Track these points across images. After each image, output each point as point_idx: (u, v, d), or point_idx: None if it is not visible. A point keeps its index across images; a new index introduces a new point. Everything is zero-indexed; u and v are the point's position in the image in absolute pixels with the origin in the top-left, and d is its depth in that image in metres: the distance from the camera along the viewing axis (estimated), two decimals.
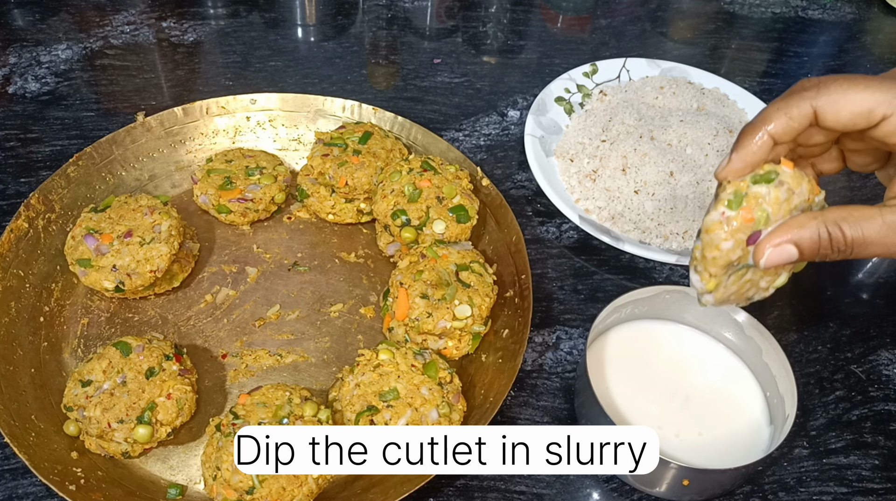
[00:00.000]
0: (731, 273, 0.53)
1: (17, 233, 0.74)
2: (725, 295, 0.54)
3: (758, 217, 0.50)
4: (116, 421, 0.63)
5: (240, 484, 0.59)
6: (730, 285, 0.53)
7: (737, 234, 0.51)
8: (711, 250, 0.52)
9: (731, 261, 0.52)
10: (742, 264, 0.52)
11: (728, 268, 0.52)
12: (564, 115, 0.95)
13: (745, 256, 0.52)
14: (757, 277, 0.54)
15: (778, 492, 0.67)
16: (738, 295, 0.55)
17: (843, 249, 0.48)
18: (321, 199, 0.81)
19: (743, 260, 0.52)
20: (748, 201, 0.50)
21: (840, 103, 0.48)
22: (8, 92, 0.96)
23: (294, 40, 1.08)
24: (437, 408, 0.63)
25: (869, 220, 0.48)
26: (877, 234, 0.48)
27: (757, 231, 0.51)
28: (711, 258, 0.52)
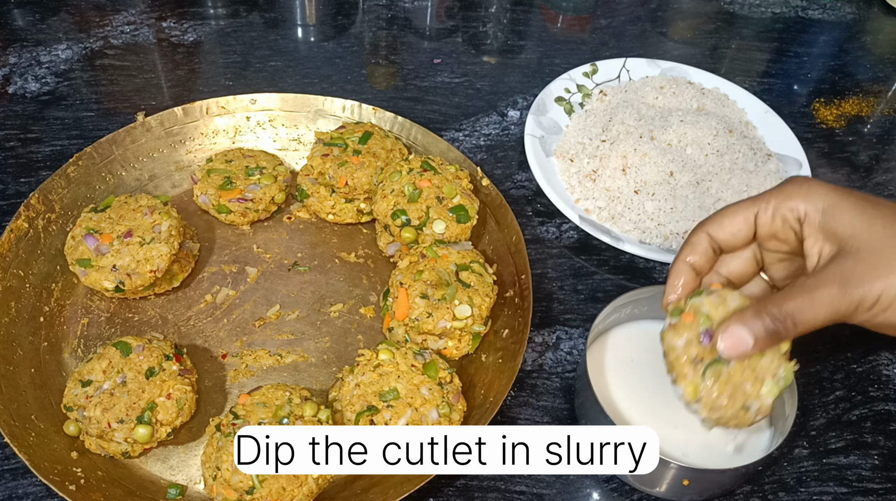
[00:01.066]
0: (704, 370, 0.56)
1: (17, 233, 0.74)
2: (714, 401, 0.56)
3: (699, 317, 0.57)
4: (116, 421, 0.63)
5: (240, 484, 0.59)
6: (710, 387, 0.56)
7: (684, 332, 0.57)
8: (671, 353, 0.58)
9: (692, 357, 0.57)
10: (708, 361, 0.56)
11: (695, 365, 0.56)
12: (564, 115, 0.95)
13: (706, 352, 0.56)
14: (737, 380, 0.55)
15: (778, 492, 0.67)
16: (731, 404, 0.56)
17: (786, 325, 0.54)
18: (321, 199, 0.81)
19: (706, 356, 0.56)
20: (688, 308, 0.58)
21: (721, 222, 0.59)
22: (8, 92, 0.96)
23: (294, 40, 1.08)
24: (437, 408, 0.63)
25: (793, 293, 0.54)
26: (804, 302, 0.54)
27: (707, 329, 0.56)
28: (674, 359, 0.58)
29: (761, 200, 0.58)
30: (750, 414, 0.56)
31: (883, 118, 1.02)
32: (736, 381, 0.56)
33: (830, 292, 0.53)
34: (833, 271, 0.54)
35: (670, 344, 0.59)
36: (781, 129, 0.93)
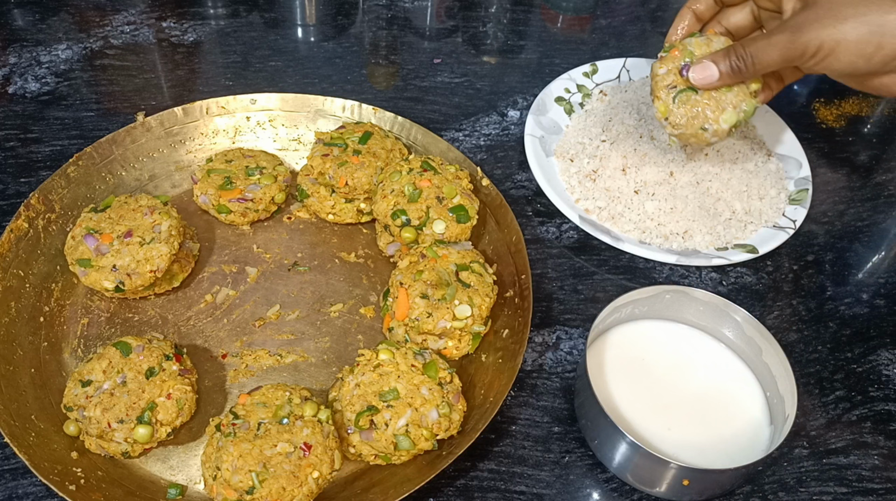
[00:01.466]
0: (675, 96, 0.71)
1: (17, 233, 0.74)
2: (678, 119, 0.71)
3: (684, 53, 0.71)
4: (116, 421, 0.63)
5: (240, 484, 0.59)
6: (679, 110, 0.71)
7: (668, 64, 0.72)
8: (654, 79, 0.73)
9: (668, 84, 0.72)
10: (682, 89, 0.71)
11: (669, 91, 0.72)
12: (564, 115, 0.95)
13: (682, 82, 0.71)
14: (702, 106, 0.70)
15: (778, 492, 0.67)
16: (691, 122, 0.71)
17: (747, 62, 0.65)
18: (321, 199, 0.81)
19: (681, 85, 0.71)
20: (677, 47, 0.72)
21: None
22: (8, 92, 0.96)
23: (294, 40, 1.08)
24: (437, 408, 0.63)
25: (757, 38, 0.65)
26: (763, 44, 0.64)
27: (686, 62, 0.70)
28: (654, 84, 0.72)
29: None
30: (707, 135, 0.71)
31: (883, 118, 1.02)
32: (700, 107, 0.70)
33: (783, 38, 0.62)
34: (791, 21, 0.63)
35: (655, 71, 0.73)
36: (781, 129, 0.93)
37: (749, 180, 0.85)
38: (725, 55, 0.67)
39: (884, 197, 0.92)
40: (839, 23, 0.60)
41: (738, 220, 0.83)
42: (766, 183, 0.86)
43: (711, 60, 0.68)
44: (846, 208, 0.90)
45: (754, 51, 0.65)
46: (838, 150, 0.97)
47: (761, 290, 0.81)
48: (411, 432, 0.62)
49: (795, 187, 0.87)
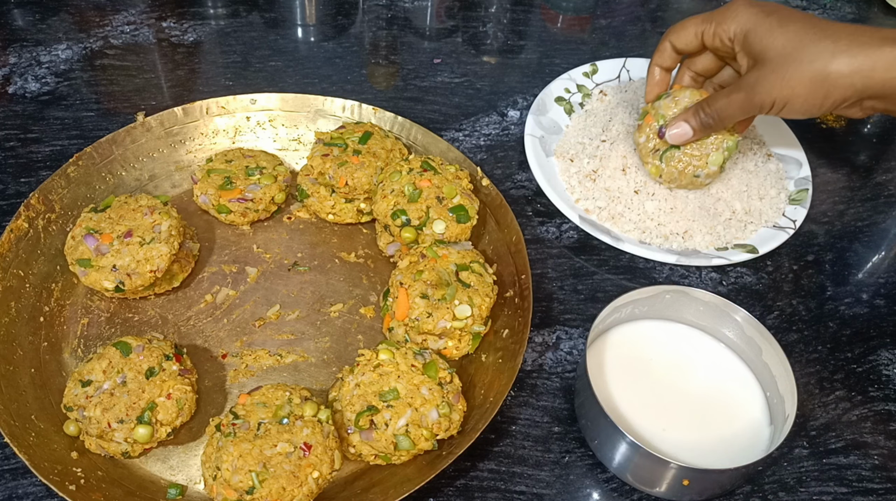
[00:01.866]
0: (661, 156, 0.79)
1: (17, 233, 0.74)
2: (671, 174, 0.79)
3: (656, 117, 0.79)
4: (116, 421, 0.63)
5: (240, 484, 0.59)
6: (669, 168, 0.79)
7: (645, 131, 0.80)
8: (638, 148, 0.81)
9: (652, 148, 0.80)
10: (665, 149, 0.79)
11: (655, 154, 0.80)
12: (564, 115, 0.95)
13: (662, 143, 0.79)
14: (688, 157, 0.78)
15: (778, 492, 0.67)
16: (683, 174, 0.79)
17: (714, 118, 0.73)
18: (321, 199, 0.81)
19: (662, 146, 0.79)
20: (649, 112, 0.80)
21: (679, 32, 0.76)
22: (8, 92, 0.96)
23: (294, 40, 1.08)
24: (437, 408, 0.63)
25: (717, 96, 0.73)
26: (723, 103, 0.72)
27: (661, 126, 0.78)
28: (640, 152, 0.81)
29: (706, 21, 0.74)
30: (700, 180, 0.79)
31: (883, 118, 1.02)
32: (686, 158, 0.78)
33: (740, 97, 0.71)
34: (745, 81, 0.70)
35: (636, 141, 0.81)
36: (781, 129, 0.93)
37: (749, 180, 0.85)
38: (695, 113, 0.74)
39: (884, 197, 0.92)
40: (787, 80, 0.67)
41: (738, 220, 0.83)
42: (766, 183, 0.86)
43: (683, 120, 0.75)
44: (846, 208, 0.90)
45: (718, 108, 0.73)
46: (838, 150, 0.97)
47: (761, 290, 0.81)
48: (411, 432, 0.62)
49: (795, 187, 0.87)
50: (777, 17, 0.69)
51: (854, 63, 0.65)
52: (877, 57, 0.65)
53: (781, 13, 0.70)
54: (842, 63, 0.66)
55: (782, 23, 0.69)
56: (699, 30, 0.75)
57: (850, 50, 0.65)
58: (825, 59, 0.66)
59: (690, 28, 0.75)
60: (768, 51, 0.69)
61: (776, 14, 0.70)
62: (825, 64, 0.66)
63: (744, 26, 0.71)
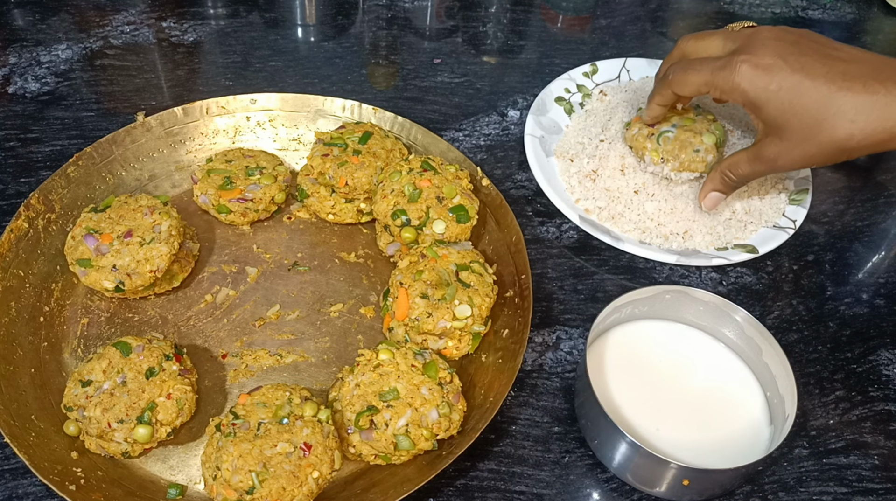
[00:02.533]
0: (657, 139, 0.82)
1: (17, 233, 0.74)
2: (672, 153, 0.81)
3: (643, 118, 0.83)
4: (116, 421, 0.63)
5: (240, 484, 0.59)
6: (668, 147, 0.81)
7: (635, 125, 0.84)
8: (633, 141, 0.84)
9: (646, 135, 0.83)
10: (659, 132, 0.82)
11: (650, 138, 0.82)
12: (564, 115, 0.95)
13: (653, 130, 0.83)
14: (684, 136, 0.81)
15: (778, 492, 0.67)
16: (686, 152, 0.81)
17: (740, 181, 0.77)
18: (321, 199, 0.81)
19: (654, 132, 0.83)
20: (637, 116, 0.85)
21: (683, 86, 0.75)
22: (8, 92, 0.96)
23: (294, 40, 1.08)
24: (437, 408, 0.63)
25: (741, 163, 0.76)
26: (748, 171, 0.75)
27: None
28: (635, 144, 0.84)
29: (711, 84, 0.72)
30: (701, 154, 0.81)
31: None
32: (681, 138, 0.81)
33: (763, 168, 0.74)
34: (765, 153, 0.73)
35: (628, 136, 0.84)
36: None
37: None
38: (721, 179, 0.78)
39: (884, 197, 0.92)
40: (808, 154, 0.70)
41: (738, 220, 0.83)
42: (766, 183, 0.86)
43: (711, 189, 0.79)
44: (846, 208, 0.90)
45: (743, 175, 0.76)
46: None
47: (761, 290, 0.81)
48: (411, 432, 0.62)
49: (795, 187, 0.87)
50: (787, 91, 0.68)
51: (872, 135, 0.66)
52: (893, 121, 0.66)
53: (791, 82, 0.68)
54: (860, 139, 0.67)
55: (793, 99, 0.68)
56: (705, 88, 0.73)
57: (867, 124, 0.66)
58: (844, 139, 0.67)
59: (696, 83, 0.73)
60: (784, 128, 0.69)
61: (786, 85, 0.68)
62: (845, 143, 0.67)
63: (753, 99, 0.70)
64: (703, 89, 0.73)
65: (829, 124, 0.67)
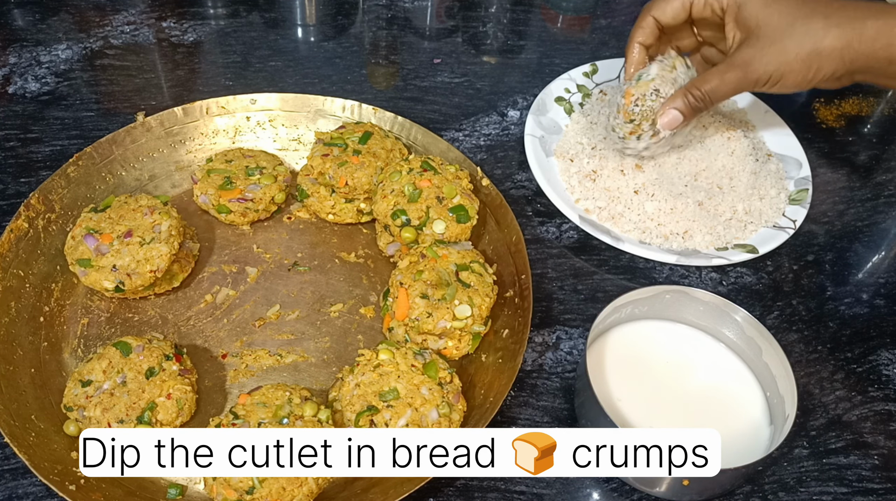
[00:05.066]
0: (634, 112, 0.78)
1: (17, 233, 0.74)
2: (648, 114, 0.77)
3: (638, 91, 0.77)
4: (116, 421, 0.63)
5: (240, 484, 0.59)
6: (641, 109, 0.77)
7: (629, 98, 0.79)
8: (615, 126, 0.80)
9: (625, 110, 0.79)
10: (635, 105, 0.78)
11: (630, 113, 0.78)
12: (564, 115, 0.95)
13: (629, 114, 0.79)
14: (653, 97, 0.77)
15: (778, 492, 0.67)
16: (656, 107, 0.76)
17: (705, 100, 0.73)
18: (321, 199, 0.81)
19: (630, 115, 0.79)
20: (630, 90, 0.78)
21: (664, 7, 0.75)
22: (8, 92, 0.96)
23: (294, 40, 1.08)
24: (437, 408, 0.63)
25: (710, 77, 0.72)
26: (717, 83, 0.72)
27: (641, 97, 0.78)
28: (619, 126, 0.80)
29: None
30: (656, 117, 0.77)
31: (883, 118, 1.02)
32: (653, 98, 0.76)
33: (736, 74, 0.71)
34: (739, 57, 0.70)
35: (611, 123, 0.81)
36: (781, 129, 0.93)
37: (749, 180, 0.85)
38: (683, 96, 0.74)
39: (884, 197, 0.92)
40: (783, 56, 0.69)
41: (738, 220, 0.83)
42: (766, 183, 0.86)
43: (672, 106, 0.75)
44: (846, 208, 0.90)
45: (709, 90, 0.73)
46: (838, 150, 0.97)
47: (761, 290, 0.81)
48: None
49: (795, 187, 0.87)
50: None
51: (843, 38, 0.67)
52: (862, 29, 0.67)
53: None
54: (832, 38, 0.67)
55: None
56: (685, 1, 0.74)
57: (840, 25, 0.67)
58: (818, 35, 0.68)
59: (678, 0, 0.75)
60: (763, 27, 0.69)
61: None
62: (818, 39, 0.68)
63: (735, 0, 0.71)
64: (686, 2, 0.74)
65: (805, 22, 0.68)
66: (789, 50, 0.69)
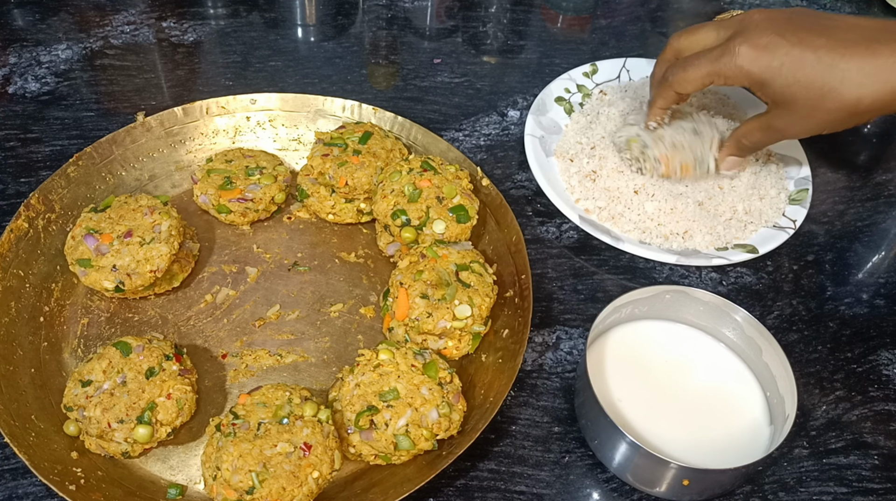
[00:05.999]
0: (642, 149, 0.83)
1: (17, 233, 0.74)
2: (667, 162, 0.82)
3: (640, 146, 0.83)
4: (116, 421, 0.63)
5: (240, 484, 0.59)
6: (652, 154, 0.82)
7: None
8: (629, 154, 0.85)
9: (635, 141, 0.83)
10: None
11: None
12: (564, 115, 0.95)
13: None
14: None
15: (778, 492, 0.67)
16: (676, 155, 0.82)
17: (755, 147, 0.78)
18: (321, 199, 0.81)
19: None
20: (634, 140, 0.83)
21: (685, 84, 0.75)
22: (8, 92, 0.96)
23: (294, 40, 1.08)
24: (437, 408, 0.63)
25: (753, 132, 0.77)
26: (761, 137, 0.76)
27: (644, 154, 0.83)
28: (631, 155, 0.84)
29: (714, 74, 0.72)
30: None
31: (883, 118, 1.02)
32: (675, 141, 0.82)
33: (776, 136, 0.75)
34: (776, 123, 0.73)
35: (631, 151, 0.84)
36: None
37: (749, 180, 0.85)
38: (737, 145, 0.79)
39: (884, 197, 0.92)
40: (818, 121, 0.71)
41: (738, 220, 0.83)
42: (766, 183, 0.86)
43: (728, 154, 0.80)
44: (846, 208, 0.90)
45: (756, 141, 0.77)
46: (838, 150, 0.97)
47: (761, 290, 0.81)
48: (411, 432, 0.62)
49: (795, 187, 0.87)
50: (789, 66, 0.68)
51: (880, 97, 0.67)
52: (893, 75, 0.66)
53: (792, 56, 0.68)
54: (869, 103, 0.67)
55: (796, 72, 0.68)
56: (708, 80, 0.73)
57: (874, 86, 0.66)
58: (852, 103, 0.67)
59: (698, 78, 0.73)
60: (792, 102, 0.70)
61: (788, 60, 0.68)
62: (854, 107, 0.68)
63: (757, 79, 0.70)
64: (706, 81, 0.73)
65: (837, 92, 0.67)
66: (824, 119, 0.70)
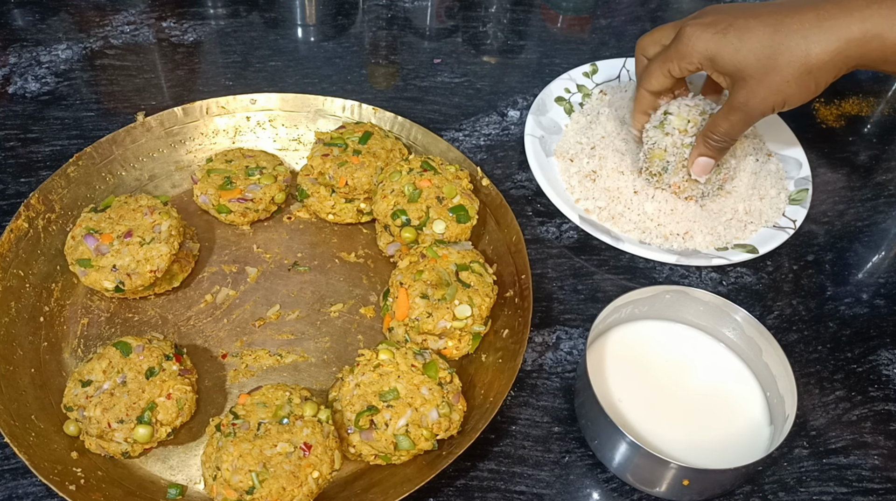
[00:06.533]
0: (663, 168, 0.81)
1: (17, 233, 0.74)
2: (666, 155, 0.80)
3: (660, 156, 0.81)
4: (116, 421, 0.63)
5: (240, 484, 0.59)
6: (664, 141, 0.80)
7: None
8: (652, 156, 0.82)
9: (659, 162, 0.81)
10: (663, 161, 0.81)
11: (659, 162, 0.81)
12: (564, 115, 0.95)
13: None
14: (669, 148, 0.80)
15: (778, 492, 0.67)
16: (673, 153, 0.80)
17: (725, 141, 0.76)
18: (321, 199, 0.81)
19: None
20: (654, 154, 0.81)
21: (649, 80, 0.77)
22: (8, 92, 0.96)
23: (294, 40, 1.08)
24: (437, 408, 0.63)
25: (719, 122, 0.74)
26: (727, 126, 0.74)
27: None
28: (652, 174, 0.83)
29: (667, 61, 0.75)
30: None
31: (883, 118, 1.02)
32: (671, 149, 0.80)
33: (740, 117, 0.73)
34: (735, 100, 0.72)
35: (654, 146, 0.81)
36: (781, 129, 0.93)
37: (749, 180, 0.85)
38: (705, 143, 0.77)
39: (884, 197, 0.92)
40: (776, 87, 0.69)
41: (738, 220, 0.83)
42: (766, 183, 0.86)
43: (698, 154, 0.78)
44: (846, 208, 0.90)
45: (724, 132, 0.75)
46: (838, 150, 0.97)
47: (761, 290, 0.81)
48: (411, 432, 0.62)
49: (795, 187, 0.87)
50: (735, 33, 0.70)
51: (829, 50, 0.67)
52: (846, 37, 0.66)
53: (737, 25, 0.70)
54: (818, 55, 0.67)
55: (742, 37, 0.69)
56: (665, 70, 0.75)
57: (820, 40, 0.67)
58: (802, 59, 0.67)
59: (657, 73, 0.76)
60: (744, 69, 0.70)
61: (732, 29, 0.70)
62: (804, 62, 0.67)
63: (705, 54, 0.72)
64: (664, 71, 0.75)
65: (785, 47, 0.68)
66: (779, 81, 0.69)
